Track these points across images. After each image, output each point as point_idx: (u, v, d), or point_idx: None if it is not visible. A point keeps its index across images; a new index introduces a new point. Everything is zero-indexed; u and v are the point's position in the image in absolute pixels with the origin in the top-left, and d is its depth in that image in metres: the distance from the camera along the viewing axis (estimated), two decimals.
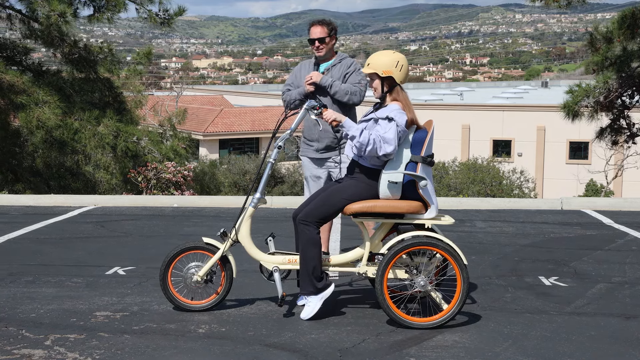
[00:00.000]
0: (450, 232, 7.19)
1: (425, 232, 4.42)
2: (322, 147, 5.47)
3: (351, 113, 5.49)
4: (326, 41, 5.48)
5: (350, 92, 5.36)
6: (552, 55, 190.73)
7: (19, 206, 8.95)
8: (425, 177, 4.43)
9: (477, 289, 5.23)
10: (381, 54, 4.59)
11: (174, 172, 12.95)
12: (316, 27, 5.52)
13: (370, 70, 4.54)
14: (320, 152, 5.48)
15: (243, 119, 44.38)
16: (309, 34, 5.53)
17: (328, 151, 5.47)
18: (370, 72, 4.55)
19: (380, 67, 4.51)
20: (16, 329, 4.30)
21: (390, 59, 4.52)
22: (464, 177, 25.35)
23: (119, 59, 14.92)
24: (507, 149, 39.94)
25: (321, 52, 5.49)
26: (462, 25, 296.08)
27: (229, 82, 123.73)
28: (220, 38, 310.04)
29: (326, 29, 5.51)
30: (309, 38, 5.54)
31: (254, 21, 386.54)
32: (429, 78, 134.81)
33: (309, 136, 5.51)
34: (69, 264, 5.96)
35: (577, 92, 14.03)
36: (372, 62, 4.56)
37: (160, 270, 4.61)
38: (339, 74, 5.45)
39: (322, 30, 5.50)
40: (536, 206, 9.04)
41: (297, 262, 4.57)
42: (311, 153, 5.52)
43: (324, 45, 5.48)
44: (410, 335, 4.24)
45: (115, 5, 14.02)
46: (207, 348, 4.04)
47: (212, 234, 6.37)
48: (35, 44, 14.50)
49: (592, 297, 5.06)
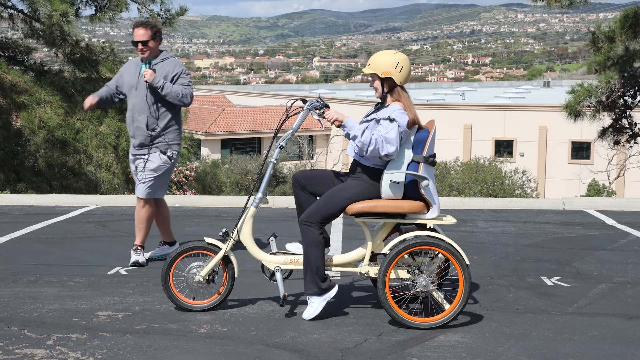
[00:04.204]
0: (452, 232, 7.18)
1: (427, 232, 4.42)
2: (137, 143, 5.75)
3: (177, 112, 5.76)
4: (149, 44, 5.65)
5: (182, 94, 5.62)
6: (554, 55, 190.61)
7: (21, 206, 8.95)
8: (427, 177, 4.42)
9: (479, 288, 5.23)
10: (382, 54, 4.58)
11: (175, 172, 12.96)
12: (140, 29, 5.66)
13: (370, 71, 4.53)
14: (135, 148, 5.78)
15: (245, 119, 44.39)
16: (133, 36, 5.65)
17: (142, 148, 5.75)
18: (371, 73, 4.54)
19: (380, 68, 4.50)
20: (18, 329, 4.30)
21: (391, 60, 4.51)
22: (465, 177, 25.34)
23: (121, 59, 14.92)
24: (509, 148, 39.92)
25: (145, 54, 5.67)
26: (464, 25, 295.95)
27: (231, 82, 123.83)
28: (222, 38, 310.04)
29: (150, 32, 5.67)
30: (132, 40, 5.66)
31: (255, 21, 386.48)
32: (430, 78, 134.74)
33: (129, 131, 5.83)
34: (71, 263, 5.96)
35: (580, 92, 14.02)
36: (372, 62, 4.55)
37: (162, 270, 4.61)
38: (163, 73, 5.65)
39: (145, 32, 5.64)
40: (538, 206, 9.03)
41: (298, 262, 4.57)
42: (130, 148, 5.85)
43: (147, 48, 5.66)
44: (412, 335, 4.24)
45: (117, 5, 14.03)
46: (209, 348, 4.03)
47: (213, 234, 6.37)
48: (37, 43, 14.50)
49: (594, 297, 5.06)
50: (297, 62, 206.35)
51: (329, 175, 4.70)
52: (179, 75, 5.69)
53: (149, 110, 5.67)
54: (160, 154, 5.77)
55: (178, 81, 5.68)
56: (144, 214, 5.88)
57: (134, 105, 5.72)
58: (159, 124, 5.71)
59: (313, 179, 4.69)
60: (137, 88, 5.69)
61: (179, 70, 5.71)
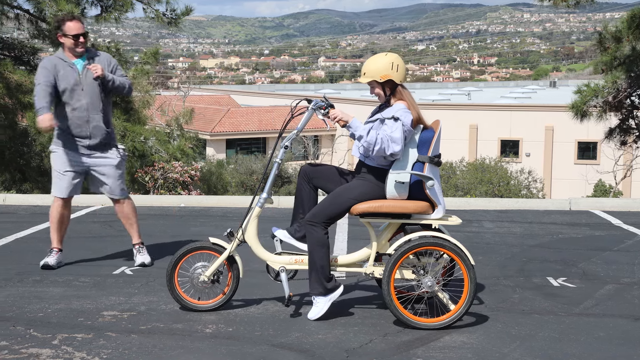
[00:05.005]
0: (458, 232, 7.16)
1: (432, 232, 4.40)
2: (94, 143, 5.69)
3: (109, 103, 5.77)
4: (87, 36, 5.70)
5: (127, 85, 5.73)
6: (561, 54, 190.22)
7: (26, 206, 8.97)
8: (433, 177, 4.41)
9: (484, 289, 5.21)
10: (374, 59, 4.54)
11: (181, 171, 12.98)
12: (76, 23, 5.66)
13: (368, 79, 4.51)
14: (89, 149, 5.70)
15: (250, 119, 44.42)
16: (67, 30, 5.61)
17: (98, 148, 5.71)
18: (369, 80, 4.52)
19: (377, 73, 4.48)
20: (24, 328, 4.31)
21: (385, 62, 4.49)
22: (471, 178, 25.28)
23: (127, 59, 14.95)
24: (515, 149, 39.84)
25: (83, 48, 5.66)
26: (469, 24, 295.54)
27: (236, 82, 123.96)
28: (227, 38, 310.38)
29: (83, 25, 5.70)
30: (70, 34, 5.61)
31: (261, 21, 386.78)
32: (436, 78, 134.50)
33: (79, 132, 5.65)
34: (77, 263, 5.97)
35: (586, 92, 13.98)
36: (367, 70, 4.53)
37: (167, 270, 4.61)
38: (107, 68, 5.66)
39: (81, 26, 5.68)
40: (544, 206, 9.01)
41: (303, 263, 4.56)
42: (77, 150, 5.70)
43: (85, 40, 5.68)
44: (417, 336, 4.23)
45: (123, 5, 14.04)
46: (214, 348, 4.03)
47: (219, 234, 6.38)
48: (43, 43, 14.53)
49: (600, 298, 5.03)
50: (303, 62, 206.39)
51: (335, 172, 4.71)
52: (116, 67, 5.77)
53: (101, 107, 5.65)
54: (116, 151, 5.80)
55: (116, 73, 5.74)
56: (129, 209, 5.86)
57: (85, 104, 5.59)
58: (109, 120, 5.76)
59: (320, 173, 4.70)
60: (85, 87, 5.59)
61: (114, 62, 5.80)
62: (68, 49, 5.63)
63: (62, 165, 5.74)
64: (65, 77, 5.58)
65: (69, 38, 5.58)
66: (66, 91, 5.59)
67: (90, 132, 5.65)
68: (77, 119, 5.63)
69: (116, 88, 5.68)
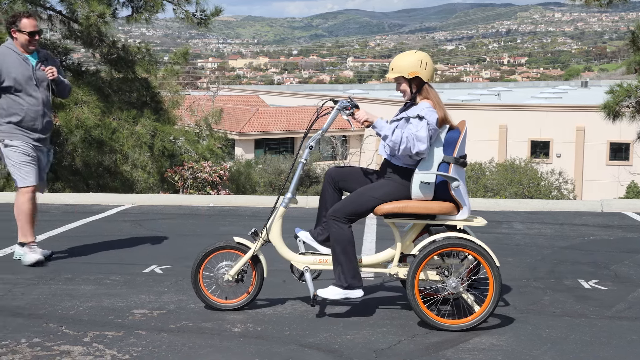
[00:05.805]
0: (488, 233, 7.11)
1: (457, 233, 4.37)
2: (43, 137, 5.84)
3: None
4: (41, 34, 5.81)
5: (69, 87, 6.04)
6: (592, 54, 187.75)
7: (59, 204, 9.10)
8: (458, 178, 4.38)
9: (514, 291, 5.16)
10: (403, 56, 4.54)
11: (210, 171, 13.04)
12: (32, 20, 5.76)
13: (395, 75, 4.50)
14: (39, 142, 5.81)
15: (278, 119, 44.54)
16: (23, 26, 5.69)
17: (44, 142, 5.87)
18: (397, 76, 4.51)
19: (405, 70, 4.47)
20: (56, 326, 4.37)
21: (414, 59, 4.48)
22: (501, 178, 25.06)
23: (157, 59, 15.06)
24: (545, 149, 39.42)
25: (35, 45, 5.76)
26: (499, 24, 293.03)
27: (265, 82, 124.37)
28: (256, 38, 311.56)
29: (37, 24, 5.81)
30: (26, 30, 5.69)
31: (289, 21, 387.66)
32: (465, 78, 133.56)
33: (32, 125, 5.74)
34: (107, 262, 6.03)
35: (618, 92, 13.76)
36: (395, 65, 4.52)
37: (192, 269, 4.64)
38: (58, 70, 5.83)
39: (36, 24, 5.79)
40: (575, 208, 8.90)
41: (327, 263, 4.55)
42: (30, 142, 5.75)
43: (39, 38, 5.79)
44: (446, 338, 4.20)
45: (153, 6, 14.16)
46: (243, 347, 4.05)
47: (246, 234, 6.40)
48: (75, 44, 14.72)
49: (633, 301, 4.96)
50: (331, 62, 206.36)
51: (360, 174, 4.70)
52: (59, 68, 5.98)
53: (50, 104, 5.89)
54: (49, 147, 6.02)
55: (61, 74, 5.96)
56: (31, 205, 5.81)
57: (41, 99, 5.77)
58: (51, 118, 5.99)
59: (347, 175, 4.69)
60: (41, 83, 5.77)
61: (58, 64, 5.99)
62: (21, 44, 5.75)
63: (23, 156, 5.76)
64: (18, 68, 5.69)
65: (24, 34, 5.70)
66: (20, 82, 5.70)
67: (45, 125, 5.85)
68: (33, 112, 5.76)
69: (62, 90, 5.94)
